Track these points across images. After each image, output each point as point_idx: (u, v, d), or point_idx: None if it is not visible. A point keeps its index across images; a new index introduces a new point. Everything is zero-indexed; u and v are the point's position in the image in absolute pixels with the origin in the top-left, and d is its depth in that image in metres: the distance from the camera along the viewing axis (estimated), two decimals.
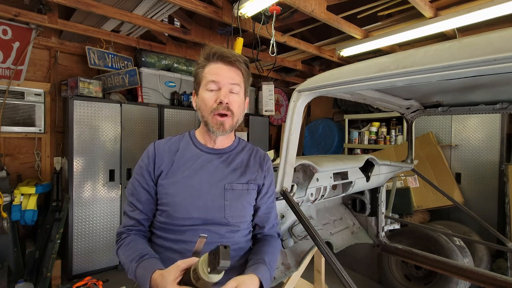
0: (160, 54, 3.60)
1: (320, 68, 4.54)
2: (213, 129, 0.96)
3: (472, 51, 0.84)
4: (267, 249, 1.03)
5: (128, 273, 0.87)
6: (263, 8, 2.38)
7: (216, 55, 0.95)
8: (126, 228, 0.98)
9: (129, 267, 0.86)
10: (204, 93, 0.96)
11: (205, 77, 0.96)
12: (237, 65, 0.96)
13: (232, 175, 1.02)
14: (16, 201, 2.64)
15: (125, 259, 0.89)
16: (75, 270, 2.92)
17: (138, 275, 0.83)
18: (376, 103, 1.91)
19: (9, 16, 2.56)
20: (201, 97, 0.97)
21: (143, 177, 0.99)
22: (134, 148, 3.30)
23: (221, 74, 0.95)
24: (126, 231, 0.97)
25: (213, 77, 0.94)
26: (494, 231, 2.19)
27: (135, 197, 0.99)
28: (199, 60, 1.00)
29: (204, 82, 0.97)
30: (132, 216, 0.98)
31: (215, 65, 0.96)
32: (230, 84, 0.95)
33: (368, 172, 2.16)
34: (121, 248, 0.94)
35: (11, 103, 2.96)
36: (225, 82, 0.95)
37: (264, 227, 1.10)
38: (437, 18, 2.51)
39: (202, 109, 0.97)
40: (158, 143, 1.04)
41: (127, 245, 0.93)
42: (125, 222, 1.00)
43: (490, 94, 1.66)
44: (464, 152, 3.25)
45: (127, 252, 0.90)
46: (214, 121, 0.95)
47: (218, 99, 0.94)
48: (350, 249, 2.43)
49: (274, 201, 1.16)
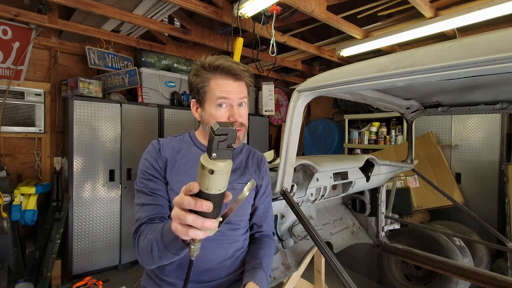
0: (160, 54, 3.60)
1: (320, 68, 4.54)
2: None
3: (472, 51, 0.84)
4: (264, 253, 1.06)
5: (154, 248, 0.73)
6: (263, 8, 2.38)
7: (225, 70, 0.92)
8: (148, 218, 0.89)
9: (153, 237, 0.75)
10: (215, 110, 0.94)
11: (213, 92, 0.93)
12: (244, 79, 0.96)
13: (232, 175, 1.02)
14: (16, 201, 2.64)
15: (150, 235, 0.78)
16: (75, 270, 2.92)
17: (165, 228, 0.70)
18: (376, 103, 1.90)
19: (9, 16, 2.56)
20: (210, 113, 0.95)
21: (155, 169, 0.96)
22: (134, 148, 3.30)
23: (232, 91, 0.93)
24: (149, 221, 0.89)
25: (224, 94, 0.92)
26: (494, 231, 2.19)
27: (150, 186, 0.93)
28: (199, 70, 0.95)
29: (212, 97, 0.93)
30: (154, 203, 0.91)
31: (223, 81, 0.93)
32: (239, 98, 0.95)
33: (368, 172, 2.16)
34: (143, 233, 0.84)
35: (11, 103, 2.97)
36: (235, 97, 0.94)
37: (262, 226, 1.14)
38: (437, 18, 2.51)
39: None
40: (161, 140, 1.04)
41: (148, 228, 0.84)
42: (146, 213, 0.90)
43: (490, 94, 1.66)
44: (464, 152, 3.25)
45: (151, 230, 0.80)
46: None
47: (231, 118, 0.93)
48: (350, 249, 2.43)
49: (271, 201, 1.19)
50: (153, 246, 0.74)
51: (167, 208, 0.94)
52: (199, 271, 0.96)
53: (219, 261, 0.98)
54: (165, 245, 0.70)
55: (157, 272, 0.99)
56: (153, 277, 1.00)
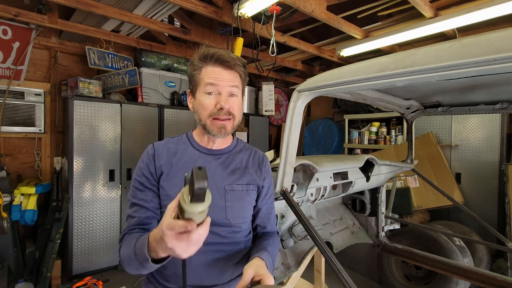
0: (160, 54, 3.60)
1: (320, 68, 4.54)
2: (214, 132, 0.94)
3: (472, 51, 0.84)
4: (269, 242, 1.04)
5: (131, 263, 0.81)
6: (263, 8, 2.38)
7: (214, 58, 0.92)
8: (129, 229, 0.95)
9: (128, 253, 0.81)
10: (203, 97, 0.94)
11: (202, 80, 0.94)
12: (236, 68, 0.95)
13: (232, 176, 1.01)
14: (16, 201, 2.64)
15: (127, 248, 0.84)
16: (75, 270, 2.92)
17: (137, 247, 0.77)
18: (376, 103, 1.91)
19: (9, 16, 2.56)
20: (199, 100, 0.95)
21: (145, 177, 0.97)
22: (134, 148, 3.30)
23: (220, 77, 0.93)
24: (129, 231, 0.94)
25: (212, 80, 0.92)
26: (494, 231, 2.19)
27: (140, 197, 0.96)
28: (194, 61, 0.96)
29: (202, 84, 0.94)
30: (136, 216, 0.95)
31: (213, 68, 0.93)
32: (229, 86, 0.94)
33: (368, 172, 2.16)
34: (123, 245, 0.90)
35: (11, 103, 2.97)
36: (224, 85, 0.93)
37: (266, 227, 1.11)
38: (437, 18, 2.51)
39: (200, 112, 0.95)
40: (157, 144, 1.03)
41: (128, 239, 0.89)
42: (129, 223, 0.96)
43: (490, 94, 1.66)
44: (464, 152, 3.25)
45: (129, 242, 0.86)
46: (215, 124, 0.94)
47: (218, 104, 0.92)
48: (350, 249, 2.43)
49: (273, 201, 1.17)
50: (131, 261, 0.81)
51: (152, 219, 0.96)
52: (201, 275, 0.94)
53: (220, 264, 0.96)
54: (138, 261, 0.77)
55: (157, 276, 0.98)
56: (154, 281, 0.99)
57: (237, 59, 0.95)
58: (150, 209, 0.95)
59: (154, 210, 0.95)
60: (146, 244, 0.73)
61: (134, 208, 0.96)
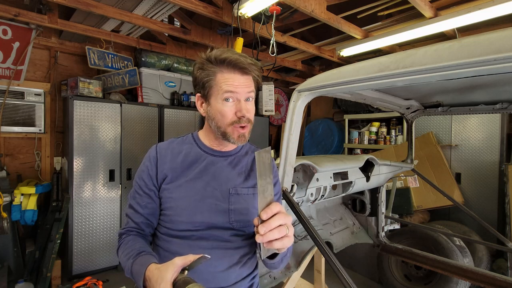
0: (160, 54, 3.60)
1: (320, 68, 4.54)
2: (234, 140, 0.93)
3: (472, 51, 0.84)
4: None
5: (125, 271, 0.86)
6: (263, 8, 2.38)
7: (232, 63, 0.89)
8: (126, 229, 0.97)
9: (126, 264, 0.85)
10: (221, 105, 0.91)
11: (219, 86, 0.90)
12: (252, 73, 0.93)
13: (237, 179, 1.00)
14: (16, 201, 2.64)
15: (124, 257, 0.88)
16: (75, 270, 2.92)
17: (134, 271, 0.80)
18: (376, 103, 1.91)
19: (9, 16, 2.56)
20: (217, 108, 0.92)
21: (144, 181, 0.97)
22: (134, 148, 3.30)
23: (239, 84, 0.90)
24: (127, 232, 0.96)
25: (231, 88, 0.89)
26: (494, 231, 2.19)
27: (136, 200, 0.97)
28: (205, 64, 0.92)
29: (219, 91, 0.90)
30: (133, 219, 0.97)
31: (229, 74, 0.90)
32: (247, 93, 0.92)
33: (368, 172, 2.16)
34: (121, 248, 0.93)
35: (11, 103, 2.97)
36: (243, 91, 0.91)
37: None
38: (437, 18, 2.51)
39: (218, 119, 0.93)
40: (160, 146, 1.01)
41: (126, 243, 0.91)
42: (126, 224, 0.98)
43: (490, 94, 1.66)
44: (464, 152, 3.25)
45: (126, 251, 0.89)
46: (236, 133, 0.92)
47: (239, 113, 0.90)
48: (350, 249, 2.43)
49: (280, 199, 1.15)
50: (126, 269, 0.85)
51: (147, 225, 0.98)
52: (205, 277, 0.92)
53: (224, 267, 0.94)
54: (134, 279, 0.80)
55: None
56: None
57: (254, 63, 0.92)
58: (143, 215, 0.96)
59: (146, 216, 0.96)
60: (141, 278, 0.76)
61: (130, 210, 0.98)
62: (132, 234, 0.95)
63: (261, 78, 1.01)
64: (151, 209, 0.97)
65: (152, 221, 0.98)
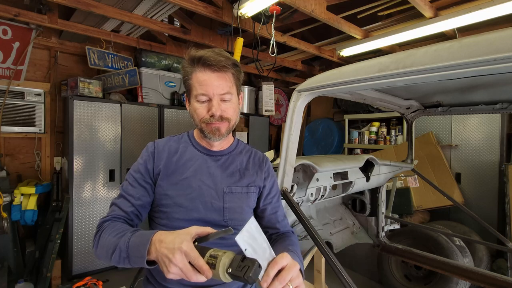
0: (160, 54, 3.60)
1: (320, 68, 4.54)
2: (209, 135, 0.95)
3: (472, 51, 0.84)
4: (287, 242, 0.98)
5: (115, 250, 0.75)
6: (263, 8, 2.38)
7: (201, 61, 0.89)
8: (112, 216, 0.91)
9: (117, 242, 0.76)
10: (196, 104, 0.94)
11: (194, 87, 0.92)
12: (225, 70, 0.92)
13: (231, 178, 1.01)
14: (16, 201, 2.64)
15: (113, 237, 0.79)
16: (75, 270, 2.92)
17: (134, 242, 0.73)
18: (376, 103, 1.91)
19: (9, 16, 2.56)
20: (193, 106, 0.95)
21: (141, 173, 0.97)
22: (134, 148, 3.30)
23: (210, 85, 0.90)
24: (112, 219, 0.90)
25: (202, 90, 0.90)
26: (494, 231, 2.19)
27: (129, 192, 0.95)
28: (184, 65, 0.94)
29: (194, 92, 0.93)
30: (123, 208, 0.93)
31: (202, 74, 0.91)
32: (220, 94, 0.92)
33: (368, 172, 2.16)
34: (106, 230, 0.83)
35: (11, 103, 2.96)
36: (214, 93, 0.91)
37: (276, 227, 1.08)
38: (437, 18, 2.51)
39: (195, 118, 0.96)
40: (158, 142, 1.03)
41: (113, 226, 0.84)
42: (112, 212, 0.92)
43: (490, 94, 1.66)
44: (464, 152, 3.25)
45: (117, 231, 0.81)
46: (209, 128, 0.94)
47: (210, 112, 0.92)
48: (350, 249, 2.43)
49: (279, 200, 1.15)
50: (115, 252, 0.76)
51: (136, 217, 0.95)
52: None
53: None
54: (129, 257, 0.73)
55: (157, 277, 0.97)
56: (153, 281, 0.98)
57: (225, 60, 0.91)
58: (134, 206, 0.94)
59: (138, 207, 0.95)
60: (147, 243, 0.70)
61: (121, 199, 0.96)
62: (119, 221, 0.90)
63: (241, 73, 0.99)
64: (144, 202, 0.96)
65: (142, 213, 0.97)
